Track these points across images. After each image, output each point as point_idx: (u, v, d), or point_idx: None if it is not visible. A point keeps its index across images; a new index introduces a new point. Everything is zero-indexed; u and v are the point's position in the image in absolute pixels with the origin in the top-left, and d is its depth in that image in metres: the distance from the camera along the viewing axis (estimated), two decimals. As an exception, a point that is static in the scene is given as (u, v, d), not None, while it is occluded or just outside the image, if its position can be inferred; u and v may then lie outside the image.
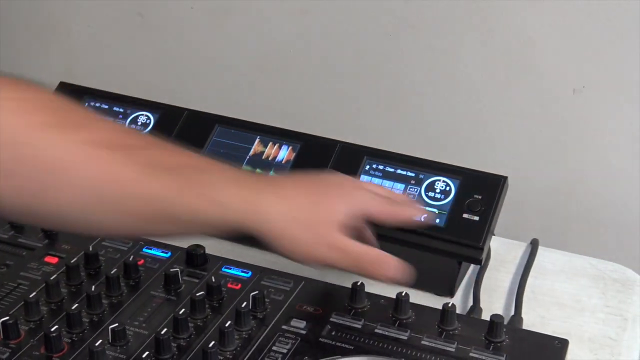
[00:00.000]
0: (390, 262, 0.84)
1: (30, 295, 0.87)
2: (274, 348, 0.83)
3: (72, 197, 0.75)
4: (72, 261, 0.93)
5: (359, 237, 0.87)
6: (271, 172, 1.06)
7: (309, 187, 0.88)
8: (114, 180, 0.76)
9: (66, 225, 0.80)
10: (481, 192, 1.00)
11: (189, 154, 0.83)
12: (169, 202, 0.78)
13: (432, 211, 1.00)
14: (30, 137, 0.73)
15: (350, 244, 0.84)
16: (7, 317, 0.84)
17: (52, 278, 0.91)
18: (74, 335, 0.84)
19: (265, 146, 1.08)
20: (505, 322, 0.90)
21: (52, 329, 0.82)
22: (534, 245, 1.08)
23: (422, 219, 0.95)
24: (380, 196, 0.90)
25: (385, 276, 0.84)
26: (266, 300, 0.89)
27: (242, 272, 0.95)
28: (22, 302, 0.87)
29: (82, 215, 0.77)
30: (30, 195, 0.74)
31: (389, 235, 1.00)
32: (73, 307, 0.85)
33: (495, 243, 1.08)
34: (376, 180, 1.03)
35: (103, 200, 0.76)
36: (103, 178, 0.75)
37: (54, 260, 0.97)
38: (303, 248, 0.83)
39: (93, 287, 0.89)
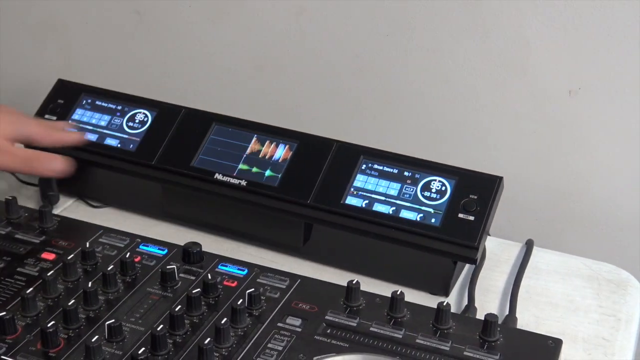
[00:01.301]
0: (55, 158, 1.04)
1: (27, 291, 0.88)
2: (270, 345, 0.84)
3: None
4: (68, 257, 0.94)
5: None
6: (268, 171, 1.06)
7: None
8: None
9: None
10: (477, 192, 1.00)
11: None
12: None
13: (427, 210, 1.00)
14: None
15: (17, 149, 1.04)
16: (4, 313, 0.84)
17: (49, 274, 0.91)
18: (71, 331, 0.85)
19: (262, 145, 1.09)
20: (500, 322, 0.90)
21: (49, 325, 0.82)
22: (528, 245, 1.09)
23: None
24: (42, 124, 1.10)
25: (53, 170, 1.04)
26: (262, 297, 0.90)
27: (238, 269, 0.95)
28: (19, 298, 0.88)
29: None
30: None
31: (385, 235, 1.00)
32: (69, 303, 0.86)
33: (491, 243, 1.08)
34: (372, 180, 1.03)
35: None
36: None
37: (51, 256, 0.97)
38: None
39: (90, 283, 0.89)
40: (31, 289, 0.89)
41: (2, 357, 0.80)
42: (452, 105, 1.24)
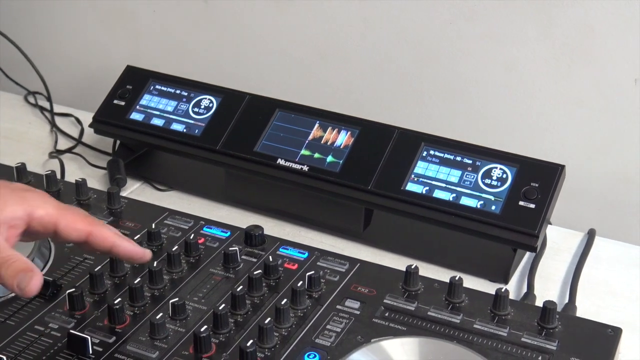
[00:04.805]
0: (34, 276, 0.74)
1: (96, 269, 0.90)
2: (328, 327, 0.85)
3: None
4: (135, 238, 0.96)
5: None
6: (329, 157, 1.07)
7: None
8: None
9: None
10: (538, 180, 1.00)
11: None
12: None
13: (488, 198, 1.00)
14: None
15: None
16: (74, 289, 0.87)
17: (116, 253, 0.93)
18: (136, 309, 0.87)
19: (325, 131, 1.10)
20: (560, 310, 0.90)
21: (116, 302, 0.85)
22: (590, 234, 1.08)
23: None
24: (71, 211, 0.81)
25: (20, 289, 0.73)
26: (322, 280, 0.91)
27: (299, 252, 0.97)
28: (88, 275, 0.91)
29: None
30: None
31: (445, 222, 1.01)
32: (135, 282, 0.88)
33: (552, 232, 1.08)
34: (433, 167, 1.04)
35: None
36: None
37: (118, 236, 1.00)
38: None
39: (155, 263, 0.92)
40: (99, 267, 0.92)
41: (72, 331, 0.82)
42: (514, 93, 1.24)
